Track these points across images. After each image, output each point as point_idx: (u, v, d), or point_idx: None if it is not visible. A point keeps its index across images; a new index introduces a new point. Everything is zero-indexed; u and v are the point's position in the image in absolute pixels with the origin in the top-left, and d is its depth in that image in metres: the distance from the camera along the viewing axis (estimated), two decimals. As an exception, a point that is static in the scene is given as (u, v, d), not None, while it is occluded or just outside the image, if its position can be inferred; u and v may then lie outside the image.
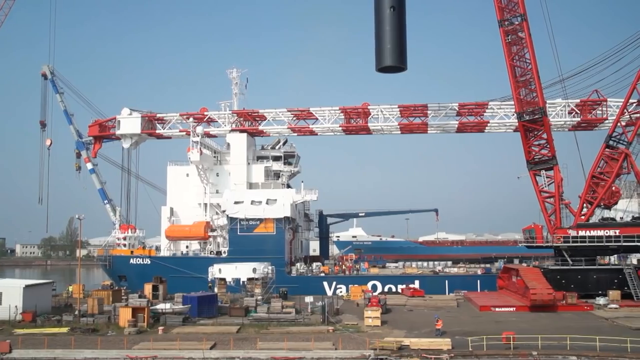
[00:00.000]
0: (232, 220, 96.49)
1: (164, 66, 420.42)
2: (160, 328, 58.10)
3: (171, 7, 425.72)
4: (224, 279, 77.92)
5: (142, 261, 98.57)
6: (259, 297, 72.10)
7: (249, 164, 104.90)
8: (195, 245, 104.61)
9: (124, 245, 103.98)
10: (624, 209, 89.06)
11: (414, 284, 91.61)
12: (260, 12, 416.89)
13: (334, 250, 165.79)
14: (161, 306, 67.56)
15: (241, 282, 76.86)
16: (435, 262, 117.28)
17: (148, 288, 78.78)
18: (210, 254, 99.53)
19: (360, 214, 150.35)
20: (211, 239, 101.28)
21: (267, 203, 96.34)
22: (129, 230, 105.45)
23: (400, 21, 74.68)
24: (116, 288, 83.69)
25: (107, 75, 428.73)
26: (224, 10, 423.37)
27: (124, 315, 60.04)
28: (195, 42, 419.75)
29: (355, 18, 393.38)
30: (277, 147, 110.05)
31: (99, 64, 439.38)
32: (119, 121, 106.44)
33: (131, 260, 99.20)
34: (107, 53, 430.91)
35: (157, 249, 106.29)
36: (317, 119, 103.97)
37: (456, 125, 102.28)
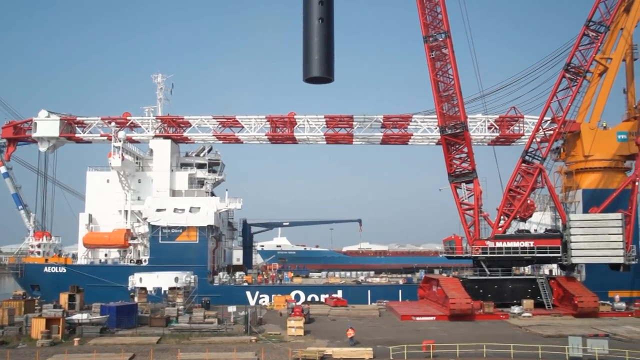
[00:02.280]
0: (153, 228, 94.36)
1: (86, 69, 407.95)
2: (76, 339, 55.98)
3: (95, 8, 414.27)
4: (144, 288, 75.93)
5: (58, 270, 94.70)
6: (181, 307, 70.68)
7: (172, 171, 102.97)
8: (114, 254, 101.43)
9: (38, 253, 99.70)
10: (538, 221, 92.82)
11: (337, 293, 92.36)
12: (188, 18, 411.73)
13: (257, 259, 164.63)
14: (78, 316, 64.91)
15: (162, 292, 75.18)
16: (358, 272, 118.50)
17: (64, 298, 75.88)
18: (131, 262, 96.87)
19: (284, 224, 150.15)
20: (131, 247, 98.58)
21: (190, 211, 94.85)
22: (44, 238, 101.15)
23: (329, 33, 75.94)
24: (29, 298, 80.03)
25: (25, 76, 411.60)
26: (151, 14, 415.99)
27: (37, 327, 57.46)
28: (120, 45, 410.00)
29: (284, 27, 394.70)
30: (201, 155, 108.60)
31: (16, 64, 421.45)
32: (35, 123, 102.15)
33: (45, 269, 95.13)
34: (25, 53, 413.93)
35: (74, 257, 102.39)
36: (243, 127, 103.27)
37: (381, 137, 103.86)
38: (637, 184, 79.68)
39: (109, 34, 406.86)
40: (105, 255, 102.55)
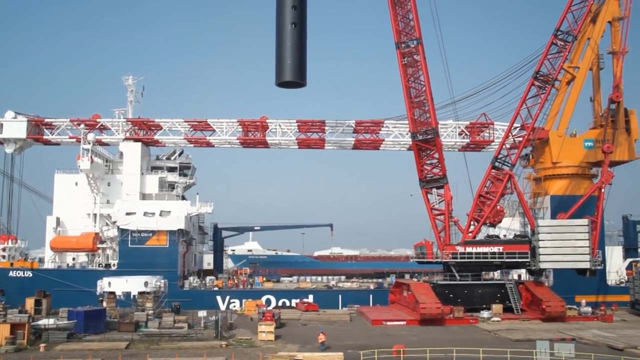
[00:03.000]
0: (123, 231, 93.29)
1: (55, 70, 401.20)
2: (42, 345, 54.91)
3: (65, 9, 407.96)
4: (113, 293, 74.93)
5: (23, 274, 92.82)
6: (150, 312, 69.92)
7: (142, 174, 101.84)
8: (82, 258, 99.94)
9: (3, 257, 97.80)
10: (507, 227, 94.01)
11: (308, 298, 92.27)
12: (160, 22, 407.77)
13: (228, 264, 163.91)
14: (44, 322, 63.80)
15: (132, 296, 74.29)
16: (330, 277, 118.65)
17: (30, 302, 74.56)
18: (99, 266, 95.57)
19: (255, 228, 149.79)
20: (100, 251, 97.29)
21: (160, 215, 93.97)
22: (10, 241, 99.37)
23: (301, 38, 76.02)
24: (-7, 303, 78.35)
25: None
26: (122, 17, 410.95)
27: (1, 332, 56.10)
28: (91, 46, 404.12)
29: (258, 31, 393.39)
30: (172, 158, 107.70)
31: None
32: (1, 124, 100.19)
33: (10, 273, 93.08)
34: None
35: (41, 261, 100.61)
36: (214, 130, 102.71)
37: (353, 142, 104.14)
38: (603, 190, 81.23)
39: (81, 35, 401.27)
40: (73, 259, 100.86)
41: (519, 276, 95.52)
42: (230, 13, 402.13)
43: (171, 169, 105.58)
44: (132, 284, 74.67)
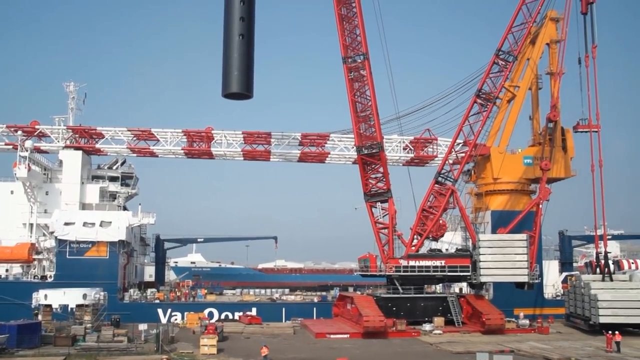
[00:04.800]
0: (61, 242, 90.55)
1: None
2: (-29, 360, 52.63)
3: (4, 9, 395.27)
4: (49, 306, 72.60)
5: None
6: (89, 325, 67.91)
7: (82, 183, 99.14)
8: (17, 269, 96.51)
9: None
10: (449, 241, 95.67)
11: (251, 311, 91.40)
12: (104, 27, 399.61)
13: (171, 276, 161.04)
14: (-27, 336, 61.15)
15: (69, 309, 72.12)
16: (273, 290, 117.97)
17: (-43, 316, 71.19)
18: (34, 278, 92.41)
19: (199, 240, 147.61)
20: (36, 262, 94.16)
21: (100, 225, 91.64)
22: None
23: (249, 49, 75.80)
24: None
25: None
26: (64, 19, 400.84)
27: None
28: (31, 50, 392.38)
29: (205, 41, 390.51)
30: (114, 167, 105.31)
31: None
32: None
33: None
34: None
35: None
36: (158, 140, 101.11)
37: (298, 155, 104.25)
38: (541, 206, 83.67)
39: (20, 38, 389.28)
40: (7, 270, 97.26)
41: (460, 289, 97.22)
42: (178, 23, 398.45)
43: (113, 179, 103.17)
44: (69, 297, 72.89)
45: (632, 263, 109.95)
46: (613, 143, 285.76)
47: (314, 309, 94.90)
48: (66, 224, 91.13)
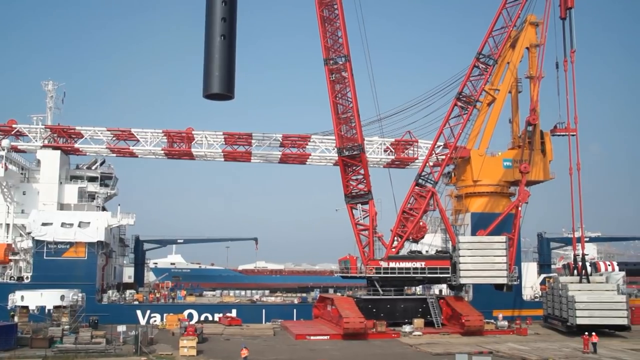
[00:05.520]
0: (38, 243, 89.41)
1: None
2: (-55, 363, 51.80)
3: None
4: (26, 307, 71.68)
5: None
6: (66, 327, 67.15)
7: (61, 183, 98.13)
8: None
9: None
10: (430, 242, 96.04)
11: (231, 312, 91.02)
12: (84, 26, 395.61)
13: (150, 277, 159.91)
14: (-53, 338, 60.23)
15: (47, 311, 71.25)
16: (253, 291, 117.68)
17: None
18: (11, 279, 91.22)
19: (179, 241, 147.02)
20: (12, 263, 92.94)
21: (79, 226, 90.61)
22: None
23: (230, 50, 75.62)
24: None
25: None
26: (44, 18, 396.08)
27: None
28: (8, 48, 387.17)
29: (186, 41, 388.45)
30: (93, 168, 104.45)
31: None
32: None
33: None
34: None
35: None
36: (138, 140, 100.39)
37: (279, 156, 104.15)
38: (520, 208, 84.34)
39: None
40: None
41: (440, 291, 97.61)
42: (159, 22, 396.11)
43: (92, 179, 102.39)
44: (47, 298, 71.73)
45: (609, 265, 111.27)
46: (591, 146, 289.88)
47: (294, 310, 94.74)
48: (44, 224, 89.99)
